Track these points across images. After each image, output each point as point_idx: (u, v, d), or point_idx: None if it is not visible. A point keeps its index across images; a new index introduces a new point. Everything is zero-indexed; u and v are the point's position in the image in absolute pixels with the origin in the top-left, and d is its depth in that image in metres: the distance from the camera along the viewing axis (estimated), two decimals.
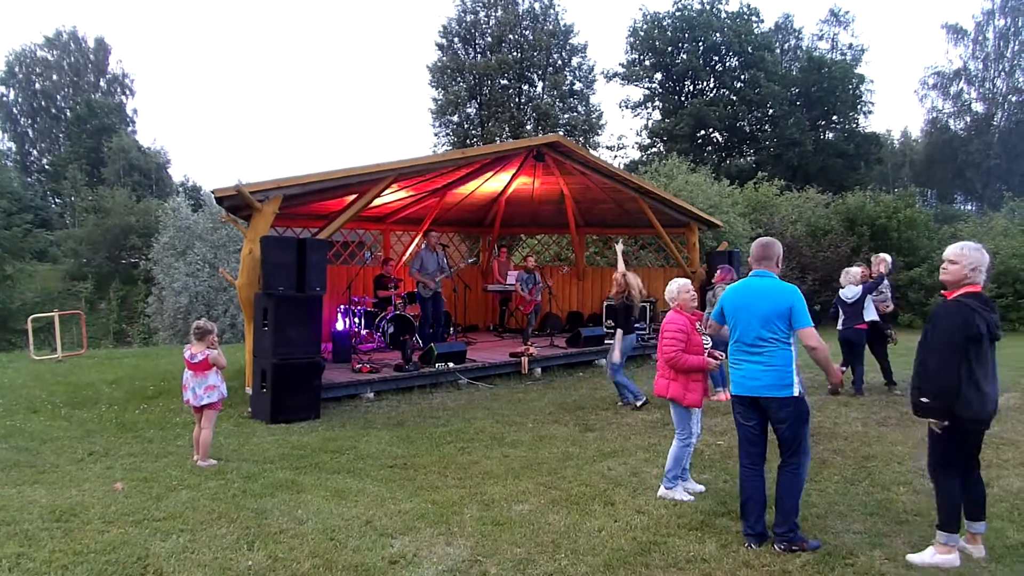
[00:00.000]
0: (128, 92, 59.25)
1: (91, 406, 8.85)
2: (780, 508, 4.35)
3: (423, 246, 12.35)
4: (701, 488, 5.48)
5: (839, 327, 9.71)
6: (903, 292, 20.87)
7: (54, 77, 56.92)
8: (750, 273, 4.65)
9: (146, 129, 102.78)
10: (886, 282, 9.92)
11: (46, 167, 56.75)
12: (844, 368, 9.47)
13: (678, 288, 5.54)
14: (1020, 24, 38.93)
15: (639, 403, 8.63)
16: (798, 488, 4.38)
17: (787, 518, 4.32)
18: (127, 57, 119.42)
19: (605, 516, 4.88)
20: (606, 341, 12.31)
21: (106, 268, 39.01)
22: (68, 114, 55.31)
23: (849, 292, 9.48)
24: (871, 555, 4.26)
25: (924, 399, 4.07)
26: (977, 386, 3.99)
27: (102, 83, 58.50)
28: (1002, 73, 39.81)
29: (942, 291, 4.25)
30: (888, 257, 10.14)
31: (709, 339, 6.20)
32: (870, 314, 9.58)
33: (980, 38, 40.13)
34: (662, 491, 5.31)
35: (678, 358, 5.19)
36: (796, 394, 4.34)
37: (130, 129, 55.72)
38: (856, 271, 9.68)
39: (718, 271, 9.93)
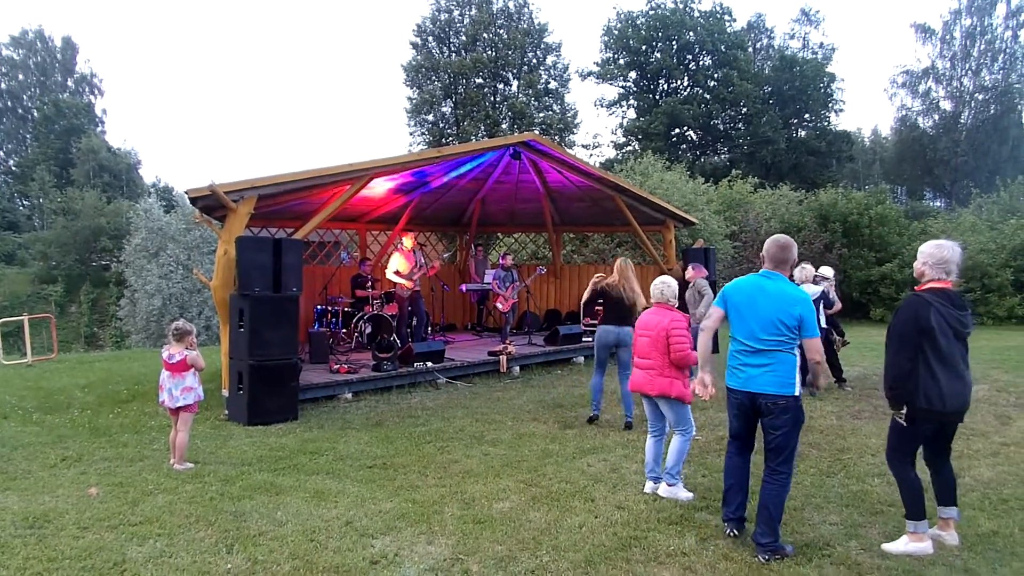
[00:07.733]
0: (97, 92, 58.33)
1: (63, 411, 8.70)
2: (765, 518, 4.20)
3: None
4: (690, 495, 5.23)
5: None
6: (875, 287, 21.18)
7: (20, 77, 55.82)
8: (760, 271, 4.44)
9: (116, 130, 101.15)
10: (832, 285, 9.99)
11: (13, 168, 55.60)
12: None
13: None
14: (986, 23, 39.61)
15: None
16: (784, 498, 4.27)
17: (772, 528, 4.18)
18: (95, 57, 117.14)
19: (585, 512, 4.90)
20: (584, 339, 12.38)
21: (76, 271, 38.34)
22: (35, 114, 54.27)
23: (807, 291, 9.23)
24: (847, 545, 4.33)
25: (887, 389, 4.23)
26: (935, 378, 4.06)
27: (70, 83, 57.45)
28: (969, 72, 40.44)
29: (914, 287, 4.35)
30: (829, 273, 10.13)
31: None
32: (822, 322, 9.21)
33: (947, 37, 40.72)
34: (664, 489, 5.23)
35: (688, 355, 5.23)
36: (796, 394, 4.23)
37: (99, 130, 54.86)
38: (809, 269, 9.45)
39: (691, 268, 10.11)
